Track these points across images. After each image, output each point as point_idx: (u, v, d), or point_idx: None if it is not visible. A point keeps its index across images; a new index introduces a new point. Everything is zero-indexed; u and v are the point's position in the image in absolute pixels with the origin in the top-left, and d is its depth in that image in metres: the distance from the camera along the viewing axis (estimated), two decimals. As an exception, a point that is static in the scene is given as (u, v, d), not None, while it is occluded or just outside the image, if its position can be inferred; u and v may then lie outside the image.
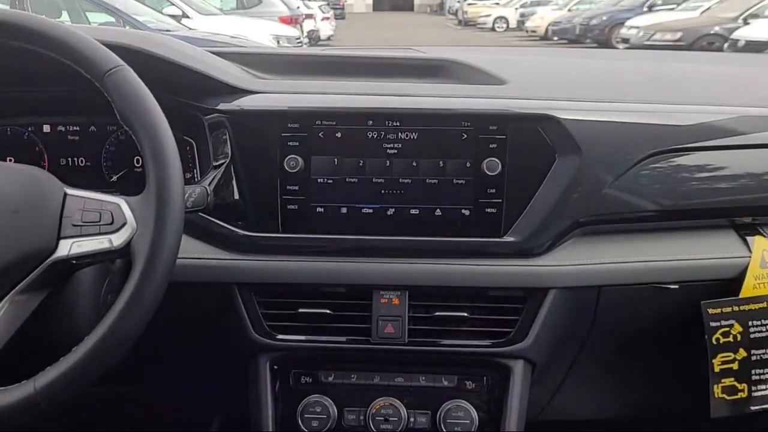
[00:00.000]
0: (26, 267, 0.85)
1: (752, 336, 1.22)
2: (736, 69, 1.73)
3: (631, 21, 14.64)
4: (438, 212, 1.15)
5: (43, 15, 0.94)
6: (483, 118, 1.13)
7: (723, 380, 1.23)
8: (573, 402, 1.52)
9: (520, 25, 24.17)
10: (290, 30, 11.66)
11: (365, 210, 1.15)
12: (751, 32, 10.70)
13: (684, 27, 12.65)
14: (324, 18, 18.74)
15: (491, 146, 1.13)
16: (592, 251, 1.19)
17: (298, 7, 14.17)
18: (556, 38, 18.76)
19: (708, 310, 1.20)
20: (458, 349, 1.19)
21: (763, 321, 1.21)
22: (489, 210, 1.14)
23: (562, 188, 1.13)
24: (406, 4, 52.44)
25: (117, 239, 0.85)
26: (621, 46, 14.07)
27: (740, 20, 11.91)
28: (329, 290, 1.18)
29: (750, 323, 1.21)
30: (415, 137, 1.14)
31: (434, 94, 1.18)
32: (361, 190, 1.15)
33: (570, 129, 1.13)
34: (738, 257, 1.21)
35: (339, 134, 1.14)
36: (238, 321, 1.18)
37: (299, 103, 1.16)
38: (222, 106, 1.15)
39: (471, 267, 1.16)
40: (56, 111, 1.25)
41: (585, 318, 1.23)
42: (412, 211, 1.15)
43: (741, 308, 1.20)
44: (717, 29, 12.15)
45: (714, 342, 1.21)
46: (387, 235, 1.16)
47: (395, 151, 1.14)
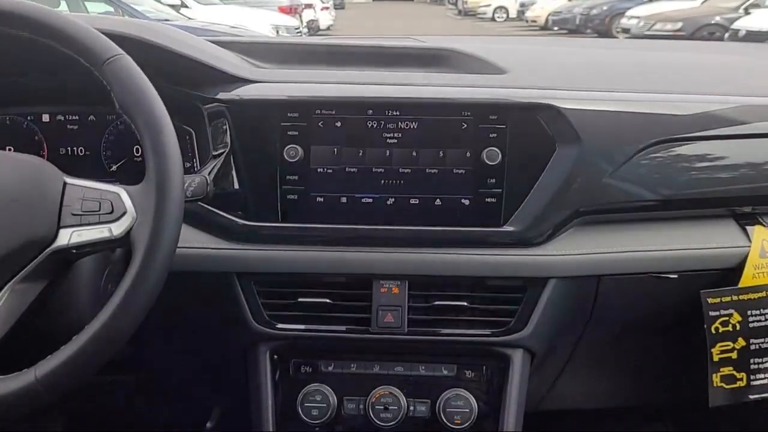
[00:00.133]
0: (26, 256, 0.85)
1: (751, 325, 1.22)
2: (737, 59, 1.73)
3: (632, 11, 14.59)
4: (438, 202, 1.15)
5: (42, 4, 0.93)
6: (483, 108, 1.13)
7: (722, 369, 1.23)
8: (572, 391, 1.52)
9: (520, 15, 24.07)
10: (290, 20, 11.64)
11: (365, 200, 1.15)
12: (752, 22, 10.69)
13: (684, 17, 12.62)
14: (323, 8, 18.71)
15: (491, 136, 1.13)
16: (592, 241, 1.19)
17: (298, -3, 14.13)
18: (557, 28, 18.69)
19: (707, 300, 1.21)
20: (458, 339, 1.19)
21: (762, 310, 1.21)
22: (489, 199, 1.14)
23: (562, 178, 1.13)
24: (406, -6, 52.24)
25: (117, 228, 0.85)
26: (621, 36, 14.03)
27: (741, 10, 11.90)
28: (329, 280, 1.18)
29: (749, 312, 1.21)
30: (415, 127, 1.14)
31: (434, 84, 1.18)
32: (361, 180, 1.15)
33: (570, 118, 1.12)
34: (738, 247, 1.21)
35: (339, 124, 1.14)
36: (238, 310, 1.18)
37: (299, 93, 1.16)
38: (221, 96, 1.15)
39: (471, 256, 1.16)
40: (55, 100, 1.24)
41: (584, 307, 1.24)
42: (412, 201, 1.15)
43: (740, 298, 1.21)
44: (717, 19, 12.13)
45: (713, 331, 1.22)
46: (387, 225, 1.16)
47: (395, 141, 1.14)
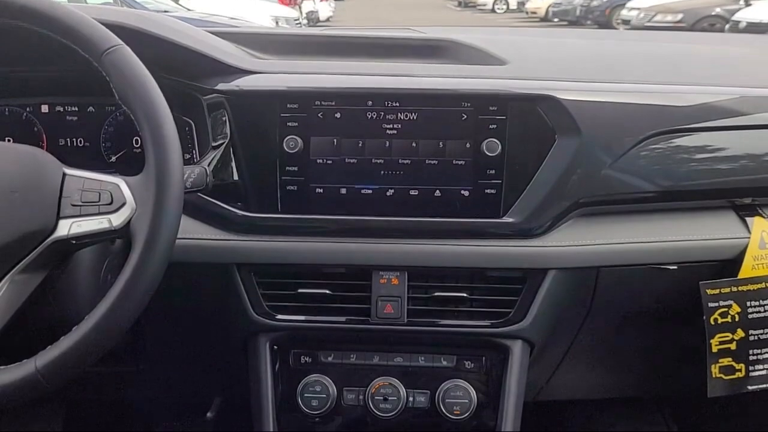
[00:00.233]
0: (26, 247, 0.85)
1: (750, 316, 1.22)
2: (737, 50, 1.72)
3: (632, 2, 14.52)
4: (437, 193, 1.15)
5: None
6: (483, 99, 1.13)
7: (721, 360, 1.24)
8: (571, 382, 1.53)
9: (521, 6, 24.02)
10: (289, 11, 11.61)
11: (364, 191, 1.15)
12: (753, 14, 10.66)
13: (685, 8, 12.58)
14: (323, -1, 18.64)
15: (491, 127, 1.13)
16: (592, 232, 1.19)
17: (298, -12, 14.09)
18: (557, 19, 18.65)
19: (706, 291, 1.21)
20: (457, 330, 1.19)
21: (762, 301, 1.21)
22: (488, 191, 1.14)
23: (562, 169, 1.13)
24: (406, -15, 52.08)
25: (116, 219, 0.85)
26: (622, 28, 13.99)
27: (741, 1, 11.87)
28: (329, 271, 1.18)
29: (748, 304, 1.21)
30: (415, 118, 1.13)
31: (434, 75, 1.18)
32: (361, 171, 1.15)
33: (570, 109, 1.12)
34: (737, 238, 1.21)
35: (338, 115, 1.14)
36: (238, 301, 1.18)
37: (298, 84, 1.16)
38: (221, 87, 1.14)
39: (470, 247, 1.16)
40: (54, 91, 1.24)
41: (584, 298, 1.24)
42: (412, 192, 1.15)
43: (739, 289, 1.21)
44: (718, 10, 12.10)
45: (712, 322, 1.22)
46: (386, 216, 1.16)
47: (395, 132, 1.14)
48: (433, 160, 1.14)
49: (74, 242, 0.87)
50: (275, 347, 1.22)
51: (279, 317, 1.19)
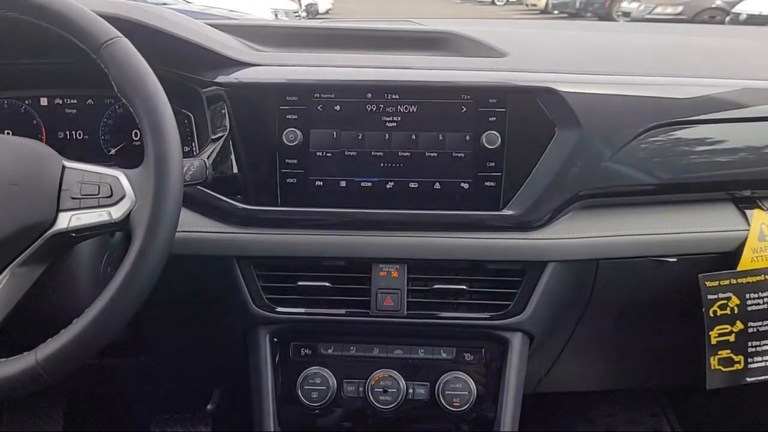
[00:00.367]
0: (26, 239, 0.85)
1: (749, 309, 1.22)
2: (737, 42, 1.72)
3: (632, -6, 14.50)
4: (437, 185, 1.15)
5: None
6: (483, 91, 1.13)
7: (720, 352, 1.24)
8: (570, 374, 1.53)
9: (521, -1, 23.98)
10: (288, 3, 11.57)
11: (364, 183, 1.15)
12: (753, 6, 10.63)
13: (685, 0, 12.55)
14: (322, -9, 18.57)
15: (491, 119, 1.13)
16: (591, 224, 1.19)
17: (297, -20, 14.03)
18: (557, 12, 18.61)
19: (706, 283, 1.21)
20: (457, 322, 1.19)
21: (761, 294, 1.22)
22: (488, 183, 1.14)
23: (562, 161, 1.13)
24: (406, -23, 51.90)
25: (116, 212, 0.85)
26: (622, 20, 13.95)
27: (741, -7, 11.82)
28: (328, 263, 1.18)
29: (747, 296, 1.22)
30: (415, 110, 1.13)
31: (434, 67, 1.18)
32: (360, 164, 1.15)
33: (570, 102, 1.12)
34: (736, 230, 1.21)
35: (338, 107, 1.13)
36: (238, 294, 1.18)
37: (297, 76, 1.16)
38: (220, 79, 1.14)
39: (470, 240, 1.16)
40: (53, 83, 1.24)
41: (583, 291, 1.24)
42: (412, 185, 1.15)
43: (738, 281, 1.21)
44: (718, 3, 12.08)
45: (711, 315, 1.22)
46: (386, 209, 1.16)
47: (394, 124, 1.14)
48: (433, 153, 1.14)
49: (74, 235, 0.87)
50: (275, 340, 1.22)
51: (279, 310, 1.19)
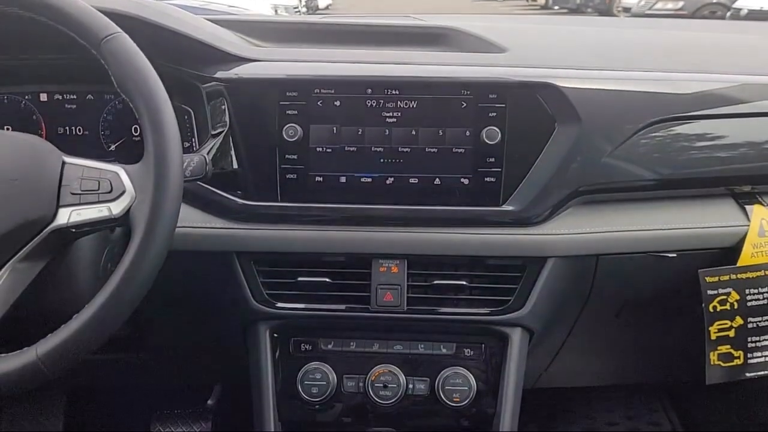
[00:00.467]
0: (26, 235, 0.85)
1: (749, 304, 1.22)
2: (738, 37, 1.72)
3: (633, -11, 14.47)
4: (437, 181, 1.15)
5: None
6: (483, 87, 1.13)
7: (719, 347, 1.24)
8: (570, 369, 1.53)
9: (521, -6, 23.92)
10: (288, -2, 11.53)
11: (364, 179, 1.15)
12: (753, 1, 10.60)
13: (686, -4, 12.52)
14: (322, -14, 18.53)
15: (491, 115, 1.12)
16: (591, 220, 1.19)
17: (297, -25, 14.00)
18: (557, 7, 18.56)
19: (705, 279, 1.21)
20: (457, 317, 1.19)
21: (761, 289, 1.22)
22: (488, 179, 1.14)
23: (562, 157, 1.13)
24: (406, -27, 51.82)
25: (116, 207, 0.85)
26: (622, 15, 13.93)
27: (742, -11, 11.79)
28: (328, 259, 1.18)
29: (747, 291, 1.22)
30: (415, 106, 1.13)
31: (434, 63, 1.17)
32: (360, 159, 1.15)
33: (570, 97, 1.12)
34: (736, 226, 1.21)
35: (338, 103, 1.13)
36: (238, 289, 1.18)
37: (297, 71, 1.15)
38: (220, 75, 1.14)
39: (470, 236, 1.16)
40: (53, 79, 1.24)
41: (583, 286, 1.24)
42: (411, 180, 1.15)
43: (738, 276, 1.21)
44: (719, -2, 12.04)
45: (711, 310, 1.22)
46: (386, 204, 1.16)
47: (394, 120, 1.13)
48: (433, 149, 1.14)
49: (74, 230, 0.87)
50: (275, 335, 1.22)
51: (279, 305, 1.19)
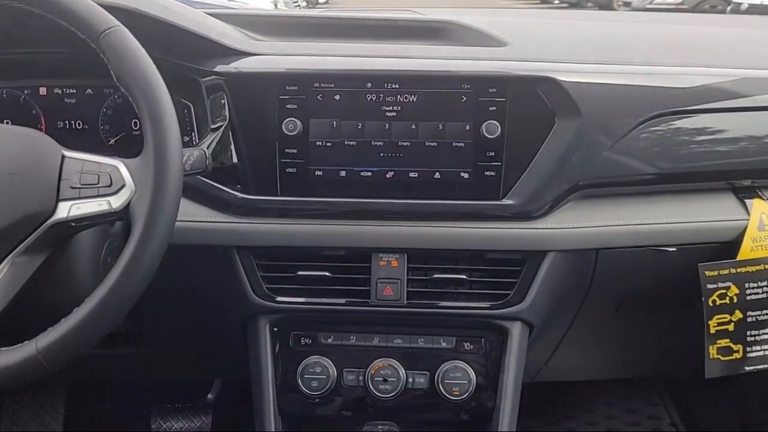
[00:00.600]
0: (25, 229, 0.85)
1: (748, 298, 1.23)
2: (738, 31, 1.71)
3: (633, -16, 14.44)
4: (437, 175, 1.15)
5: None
6: (483, 81, 1.12)
7: (719, 341, 1.24)
8: (570, 363, 1.54)
9: (521, -12, 23.88)
10: (288, -7, 11.51)
11: (364, 173, 1.15)
12: (754, -5, 10.59)
13: (686, -10, 12.50)
14: (322, -20, 18.50)
15: (491, 109, 1.12)
16: (591, 214, 1.19)
17: (296, -31, 13.97)
18: (557, 1, 18.55)
19: (705, 273, 1.21)
20: (456, 311, 1.20)
21: (760, 283, 1.22)
22: (488, 173, 1.14)
23: (562, 151, 1.13)
24: (406, -33, 51.68)
25: (116, 201, 0.85)
26: (622, 9, 13.91)
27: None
28: (328, 253, 1.19)
29: (746, 285, 1.22)
30: (415, 100, 1.13)
31: (434, 56, 1.17)
32: (360, 153, 1.14)
33: (570, 91, 1.12)
34: (736, 220, 1.21)
35: (338, 97, 1.13)
36: (238, 283, 1.18)
37: (297, 65, 1.15)
38: (219, 69, 1.14)
39: (470, 230, 1.16)
40: (52, 73, 1.23)
41: (583, 280, 1.24)
42: (411, 174, 1.15)
43: (738, 270, 1.21)
44: (720, -8, 12.02)
45: (711, 304, 1.22)
46: (386, 198, 1.16)
47: (394, 114, 1.13)
48: (433, 143, 1.14)
49: (74, 224, 0.87)
50: (275, 329, 1.23)
51: (279, 299, 1.19)
